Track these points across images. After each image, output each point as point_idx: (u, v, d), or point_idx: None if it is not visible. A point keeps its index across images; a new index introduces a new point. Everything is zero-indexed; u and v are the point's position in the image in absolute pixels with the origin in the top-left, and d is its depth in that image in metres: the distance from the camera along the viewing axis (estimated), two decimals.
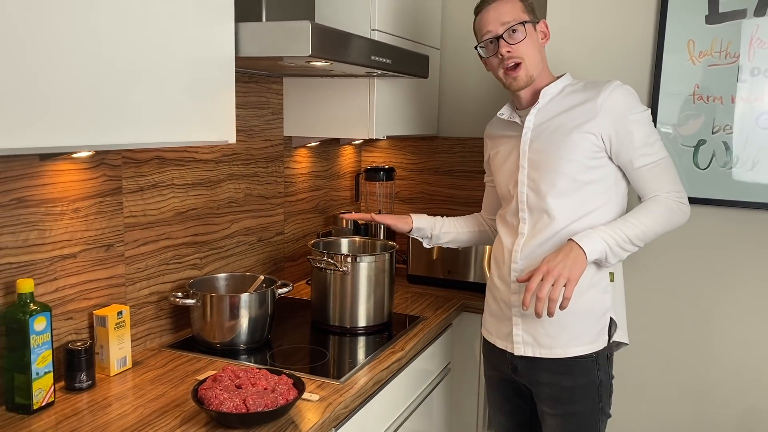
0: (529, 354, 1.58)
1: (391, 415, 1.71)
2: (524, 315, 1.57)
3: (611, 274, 1.56)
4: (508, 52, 1.54)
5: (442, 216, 1.89)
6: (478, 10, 1.60)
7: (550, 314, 1.41)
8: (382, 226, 2.47)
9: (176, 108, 1.25)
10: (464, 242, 1.90)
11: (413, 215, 1.84)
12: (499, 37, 1.54)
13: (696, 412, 2.01)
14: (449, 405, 2.19)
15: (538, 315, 1.42)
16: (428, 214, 1.87)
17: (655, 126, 1.90)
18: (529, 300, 1.43)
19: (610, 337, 1.56)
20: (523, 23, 1.53)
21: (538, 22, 1.59)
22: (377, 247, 2.04)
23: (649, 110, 1.54)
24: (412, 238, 1.95)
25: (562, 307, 1.41)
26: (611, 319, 1.56)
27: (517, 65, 1.54)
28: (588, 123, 1.49)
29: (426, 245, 1.88)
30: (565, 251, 1.44)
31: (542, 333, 1.56)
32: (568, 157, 1.51)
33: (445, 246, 1.91)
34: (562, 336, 1.54)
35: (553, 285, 1.39)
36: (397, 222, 1.82)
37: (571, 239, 1.46)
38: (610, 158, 1.52)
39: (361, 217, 1.86)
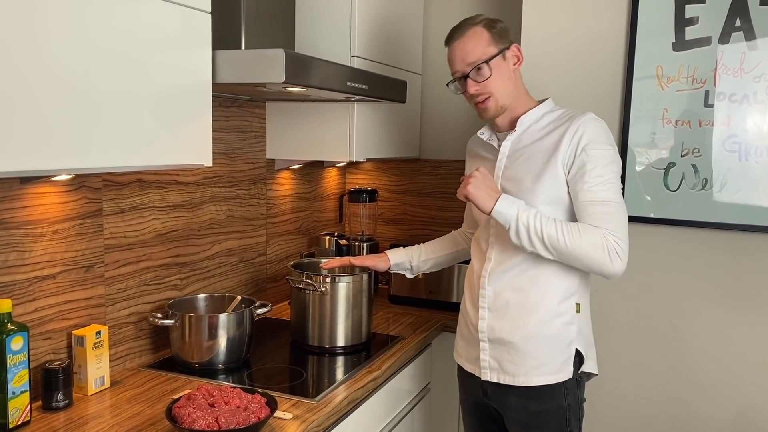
0: (495, 380, 1.60)
1: None
2: (491, 341, 1.59)
3: (577, 305, 1.57)
4: (476, 90, 1.56)
5: (419, 244, 1.91)
6: (446, 43, 1.61)
7: None
8: (365, 249, 2.51)
9: (153, 132, 1.29)
10: (446, 264, 1.93)
11: (388, 252, 1.87)
12: (466, 76, 1.56)
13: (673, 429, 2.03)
14: (429, 425, 2.21)
15: None
16: (408, 241, 1.90)
17: (626, 148, 1.96)
18: None
19: (577, 368, 1.57)
20: (488, 60, 1.53)
21: (508, 48, 1.57)
22: (356, 267, 2.07)
23: (614, 152, 1.50)
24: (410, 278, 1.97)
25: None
26: (577, 350, 1.56)
27: (486, 98, 1.56)
28: (555, 155, 1.49)
29: (409, 276, 1.91)
30: (493, 186, 1.50)
31: (507, 360, 1.57)
32: (536, 188, 1.52)
33: (428, 272, 1.94)
34: (525, 364, 1.55)
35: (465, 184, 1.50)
36: (376, 262, 1.85)
37: (503, 193, 1.50)
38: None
39: (339, 263, 1.88)
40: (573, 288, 1.55)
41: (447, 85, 1.64)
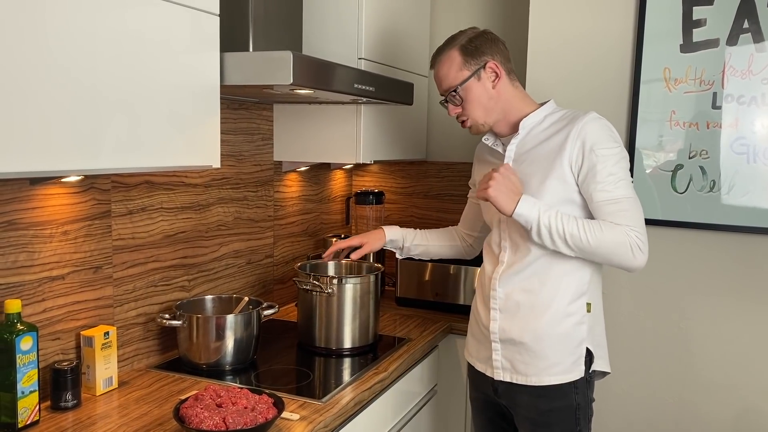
0: (507, 379, 1.60)
1: None
2: (503, 341, 1.60)
3: (588, 304, 1.57)
4: (455, 113, 1.63)
5: (415, 229, 1.93)
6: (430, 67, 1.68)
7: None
8: None
9: (162, 134, 1.30)
10: (435, 255, 1.95)
11: (385, 227, 1.89)
12: (446, 99, 1.62)
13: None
14: (436, 427, 2.20)
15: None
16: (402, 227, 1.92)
17: (633, 150, 1.96)
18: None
19: (588, 367, 1.57)
20: (460, 85, 1.57)
21: (484, 68, 1.57)
22: (363, 269, 2.08)
23: (621, 148, 1.51)
24: (399, 259, 2.01)
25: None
26: (588, 349, 1.57)
27: (465, 120, 1.63)
28: (560, 156, 1.50)
29: (398, 256, 1.94)
30: (514, 188, 1.48)
31: (519, 360, 1.58)
32: (542, 190, 1.52)
33: (416, 258, 1.96)
34: (537, 364, 1.56)
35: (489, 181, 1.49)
36: (370, 239, 1.85)
37: (524, 194, 1.49)
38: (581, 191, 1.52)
39: (335, 248, 1.88)
40: (583, 288, 1.56)
41: (440, 103, 1.68)
